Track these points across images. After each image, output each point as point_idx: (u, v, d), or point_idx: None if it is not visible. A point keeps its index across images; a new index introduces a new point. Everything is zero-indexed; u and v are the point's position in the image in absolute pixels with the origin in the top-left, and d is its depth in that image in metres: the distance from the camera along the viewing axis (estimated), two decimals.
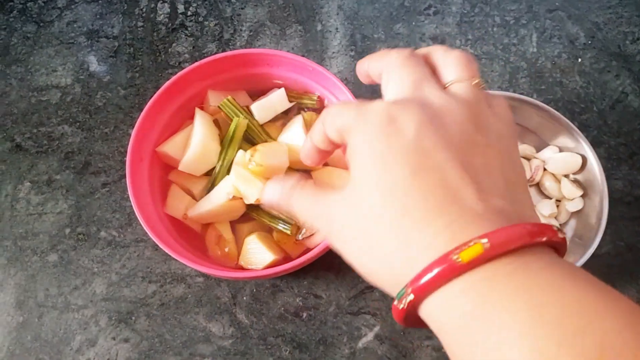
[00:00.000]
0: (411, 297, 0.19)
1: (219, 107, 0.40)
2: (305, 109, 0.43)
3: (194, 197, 0.40)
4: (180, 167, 0.39)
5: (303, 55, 0.50)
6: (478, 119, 0.22)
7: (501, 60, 0.52)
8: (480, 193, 0.20)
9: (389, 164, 0.21)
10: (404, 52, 0.25)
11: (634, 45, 0.52)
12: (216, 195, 0.38)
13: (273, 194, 0.26)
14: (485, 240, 0.18)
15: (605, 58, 0.52)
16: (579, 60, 0.52)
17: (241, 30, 0.53)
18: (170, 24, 0.53)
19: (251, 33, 0.52)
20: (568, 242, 0.42)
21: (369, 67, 0.27)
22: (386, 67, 0.25)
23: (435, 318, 0.19)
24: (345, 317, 0.43)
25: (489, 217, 0.19)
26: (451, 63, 0.24)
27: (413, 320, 0.20)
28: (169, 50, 0.51)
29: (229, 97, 0.40)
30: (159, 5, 0.53)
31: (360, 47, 0.52)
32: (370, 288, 0.43)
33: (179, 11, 0.53)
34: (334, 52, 0.52)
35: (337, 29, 0.53)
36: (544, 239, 0.18)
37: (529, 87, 0.51)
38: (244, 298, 0.44)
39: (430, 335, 0.41)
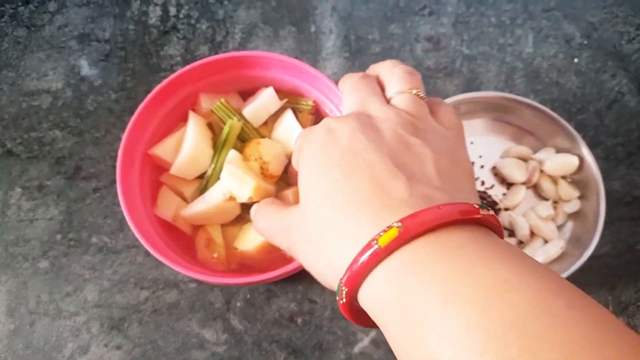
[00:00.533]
0: (345, 289, 0.19)
1: (212, 110, 0.40)
2: (300, 110, 0.42)
3: (185, 200, 0.39)
4: (172, 171, 0.38)
5: (297, 57, 0.50)
6: (415, 124, 0.23)
7: (497, 61, 0.51)
8: (408, 182, 0.20)
9: (325, 168, 0.22)
10: (354, 77, 0.27)
11: (629, 45, 0.52)
12: (212, 195, 0.37)
13: (252, 215, 0.29)
14: (399, 223, 0.18)
15: (601, 58, 0.51)
16: (575, 60, 0.51)
17: (234, 32, 0.52)
18: (162, 27, 0.52)
19: (244, 35, 0.52)
20: (564, 244, 0.42)
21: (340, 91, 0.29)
22: (341, 92, 0.28)
23: (370, 310, 0.19)
24: (341, 322, 0.43)
25: (413, 203, 0.19)
26: (394, 78, 0.26)
27: (366, 317, 0.20)
28: (161, 53, 0.51)
29: (222, 100, 0.39)
30: (151, 8, 0.53)
31: (355, 48, 0.51)
32: None
33: (171, 14, 0.52)
34: (328, 54, 0.51)
35: (331, 30, 0.52)
36: (460, 217, 0.19)
37: (526, 88, 0.50)
38: (238, 304, 0.43)
39: None
